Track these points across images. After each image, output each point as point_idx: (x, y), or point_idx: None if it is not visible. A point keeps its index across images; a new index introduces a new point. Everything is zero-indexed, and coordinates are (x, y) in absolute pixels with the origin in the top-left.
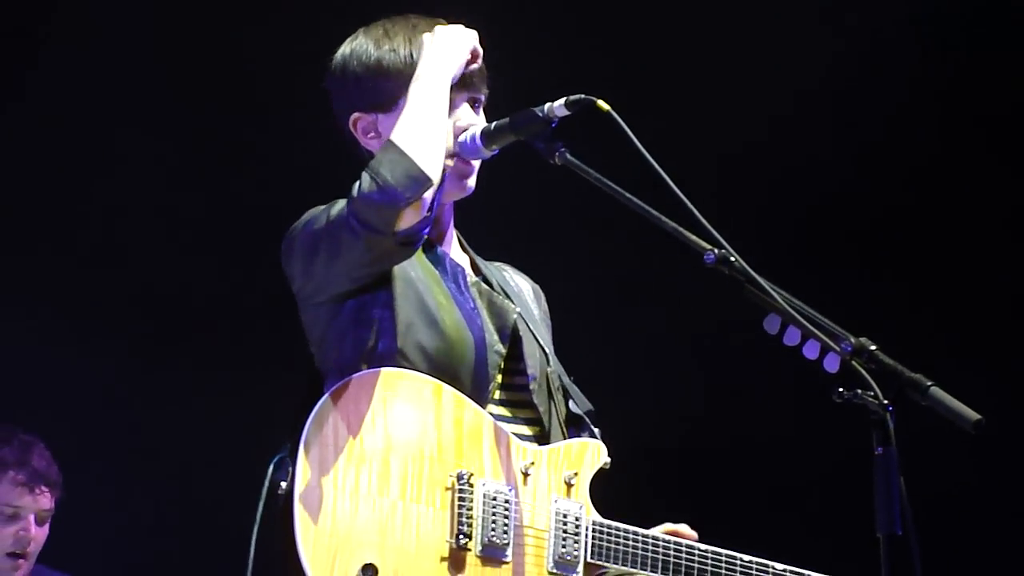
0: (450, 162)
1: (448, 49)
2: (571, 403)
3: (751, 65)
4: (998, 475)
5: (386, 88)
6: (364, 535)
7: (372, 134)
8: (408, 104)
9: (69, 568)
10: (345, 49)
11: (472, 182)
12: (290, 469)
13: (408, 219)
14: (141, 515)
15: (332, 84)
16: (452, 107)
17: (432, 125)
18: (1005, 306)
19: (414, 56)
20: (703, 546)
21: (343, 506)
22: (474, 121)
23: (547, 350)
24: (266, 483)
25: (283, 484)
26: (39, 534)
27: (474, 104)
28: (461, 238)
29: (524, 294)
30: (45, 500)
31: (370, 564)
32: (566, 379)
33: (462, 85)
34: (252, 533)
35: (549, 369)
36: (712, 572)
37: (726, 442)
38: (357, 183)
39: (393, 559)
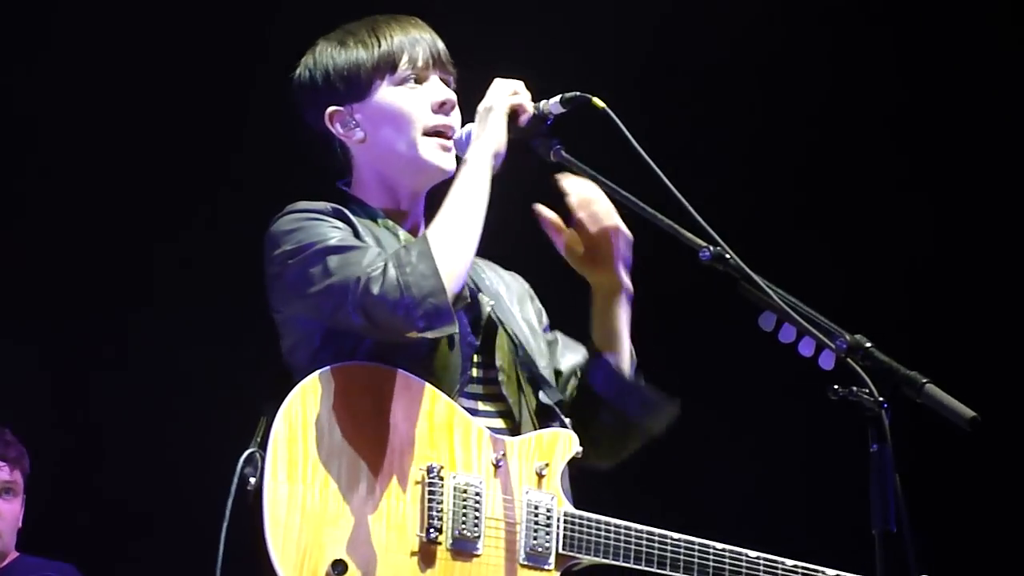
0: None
1: (500, 124)
2: (541, 393)
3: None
4: (993, 472)
5: (358, 79)
6: (334, 530)
7: (351, 123)
8: (453, 198)
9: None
10: (308, 60)
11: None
12: (259, 464)
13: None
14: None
15: (301, 94)
16: (424, 81)
17: (471, 237)
18: (1001, 303)
19: (381, 44)
20: (675, 535)
21: (312, 501)
22: (447, 97)
23: (517, 341)
24: (235, 478)
25: (252, 480)
26: (3, 507)
27: (447, 84)
28: None
29: (501, 288)
30: (2, 473)
31: (340, 560)
32: (536, 370)
33: (435, 65)
34: (222, 528)
35: (518, 361)
36: (685, 561)
37: (721, 438)
38: (380, 272)
39: (363, 554)
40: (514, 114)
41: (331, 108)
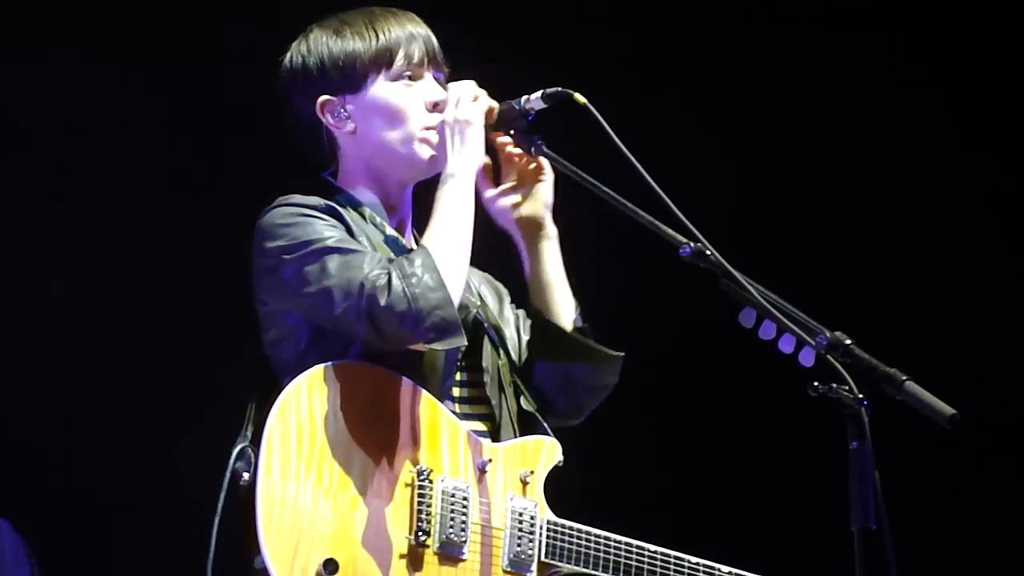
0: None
1: (480, 139)
2: (522, 399)
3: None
4: (973, 469)
5: (353, 70)
6: (325, 529)
7: (343, 114)
8: (443, 212)
9: None
10: (300, 48)
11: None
12: (252, 460)
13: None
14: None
15: (291, 80)
16: (419, 79)
17: (465, 250)
18: (985, 300)
19: (378, 37)
20: (651, 547)
21: (305, 499)
22: (442, 97)
23: (500, 344)
24: (228, 472)
25: (245, 475)
26: None
27: (439, 82)
28: (415, 231)
29: (483, 289)
30: None
31: (331, 559)
32: (518, 375)
33: (430, 63)
34: (214, 521)
35: (500, 363)
36: (661, 573)
37: (699, 435)
38: (385, 283)
39: (353, 555)
40: (488, 118)
41: (323, 97)
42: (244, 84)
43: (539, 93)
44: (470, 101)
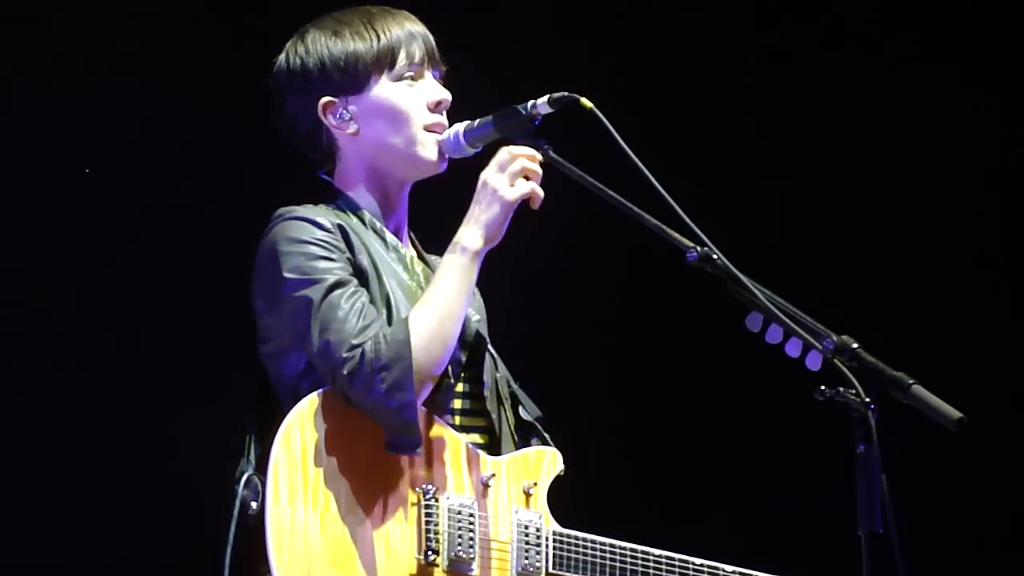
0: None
1: (503, 215)
2: (521, 410)
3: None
4: (979, 472)
5: (355, 72)
6: (335, 555)
7: (345, 116)
8: (442, 289)
9: None
10: (298, 48)
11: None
12: (259, 488)
13: None
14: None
15: (289, 81)
16: (420, 78)
17: (454, 332)
18: (992, 302)
19: (379, 37)
20: (656, 551)
21: (314, 526)
22: (443, 96)
23: (494, 355)
24: (237, 502)
25: (253, 504)
26: None
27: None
28: (412, 233)
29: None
30: None
31: None
32: (514, 385)
33: (430, 62)
34: (225, 552)
35: (498, 375)
36: None
37: (706, 440)
38: (356, 363)
39: None
40: (531, 203)
41: (325, 98)
42: (245, 81)
43: (545, 98)
44: (518, 175)
